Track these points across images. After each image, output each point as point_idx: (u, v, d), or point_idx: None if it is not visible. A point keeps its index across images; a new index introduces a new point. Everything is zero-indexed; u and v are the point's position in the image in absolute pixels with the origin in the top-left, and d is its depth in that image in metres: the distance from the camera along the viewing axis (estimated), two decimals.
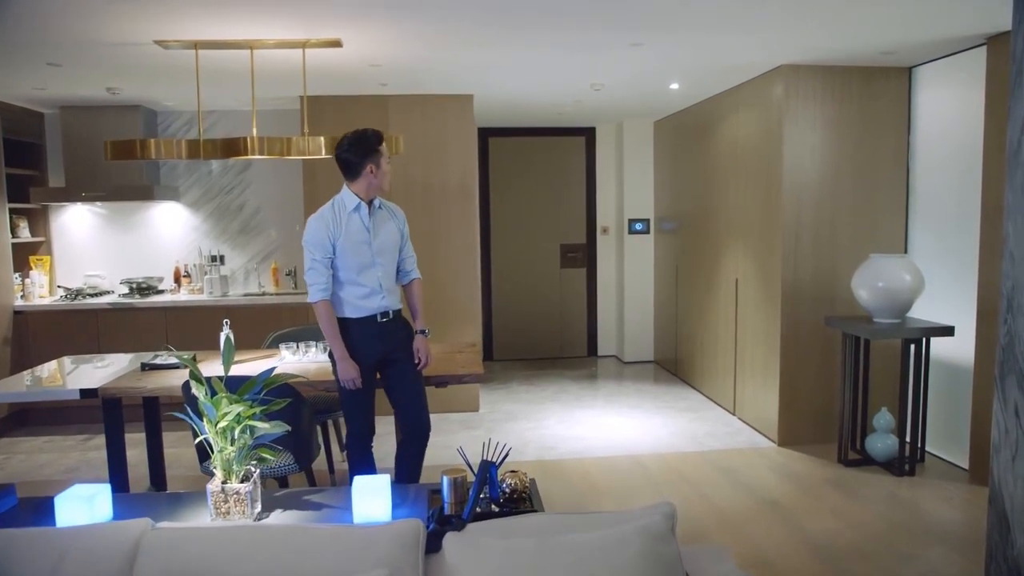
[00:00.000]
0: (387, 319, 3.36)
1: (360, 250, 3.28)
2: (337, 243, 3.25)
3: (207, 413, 2.16)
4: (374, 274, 3.32)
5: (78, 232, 6.12)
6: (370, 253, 3.31)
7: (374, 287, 3.32)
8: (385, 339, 3.36)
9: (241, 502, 2.17)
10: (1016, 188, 2.52)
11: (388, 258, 3.39)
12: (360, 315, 3.31)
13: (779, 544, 3.48)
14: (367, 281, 3.30)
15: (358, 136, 3.25)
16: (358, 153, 3.23)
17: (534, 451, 4.86)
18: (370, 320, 3.32)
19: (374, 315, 3.33)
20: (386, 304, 3.36)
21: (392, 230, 3.42)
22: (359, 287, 3.30)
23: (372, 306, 3.32)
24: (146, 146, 3.82)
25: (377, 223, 3.34)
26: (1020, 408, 2.49)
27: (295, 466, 3.43)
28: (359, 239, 3.28)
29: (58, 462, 4.86)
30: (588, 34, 3.88)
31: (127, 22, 3.51)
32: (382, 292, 3.34)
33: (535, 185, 7.65)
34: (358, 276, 3.29)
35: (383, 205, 3.41)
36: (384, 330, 3.35)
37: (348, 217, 3.27)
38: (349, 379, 3.27)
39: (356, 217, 3.28)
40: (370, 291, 3.31)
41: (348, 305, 3.31)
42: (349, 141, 3.25)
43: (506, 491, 2.20)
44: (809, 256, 4.80)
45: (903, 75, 4.77)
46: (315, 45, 3.91)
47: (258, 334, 4.76)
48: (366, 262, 3.30)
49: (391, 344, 3.38)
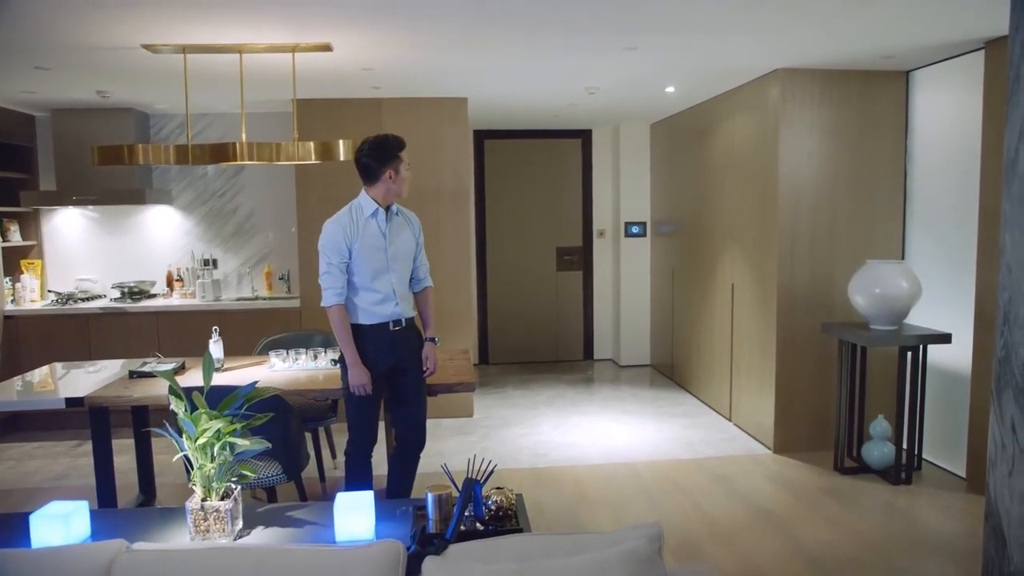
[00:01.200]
0: (399, 327, 3.33)
1: (376, 256, 3.26)
2: (354, 248, 3.22)
3: (186, 429, 2.12)
4: (388, 280, 3.29)
5: (70, 236, 6.07)
6: (385, 259, 3.28)
7: (388, 293, 3.29)
8: (397, 347, 3.33)
9: (221, 520, 2.12)
10: (1013, 198, 2.47)
11: (403, 265, 3.36)
12: (373, 321, 3.28)
13: (773, 556, 3.44)
14: (381, 287, 3.28)
15: (379, 141, 3.24)
16: (378, 158, 3.21)
17: (527, 458, 4.82)
18: (383, 327, 3.29)
19: (387, 322, 3.29)
20: (399, 312, 3.33)
21: (408, 237, 3.39)
22: (373, 293, 3.27)
23: (385, 313, 3.29)
24: (133, 151, 3.77)
25: (394, 229, 3.32)
26: (1017, 423, 2.45)
27: (283, 476, 3.39)
28: (375, 245, 3.25)
29: (48, 468, 4.82)
30: (581, 38, 3.83)
31: (114, 26, 3.46)
32: (395, 299, 3.31)
33: (531, 187, 7.60)
34: (372, 282, 3.26)
35: (400, 211, 3.37)
36: (396, 338, 3.32)
37: (366, 222, 3.24)
38: (360, 384, 3.23)
39: (373, 222, 3.26)
40: (383, 297, 3.28)
41: (361, 311, 3.28)
42: (370, 146, 3.23)
43: (492, 508, 2.16)
44: (805, 261, 4.76)
45: (901, 79, 4.72)
46: (305, 49, 3.86)
47: (250, 339, 4.73)
48: (381, 268, 3.27)
49: (403, 352, 3.35)
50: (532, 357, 7.73)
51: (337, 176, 5.45)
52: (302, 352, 3.97)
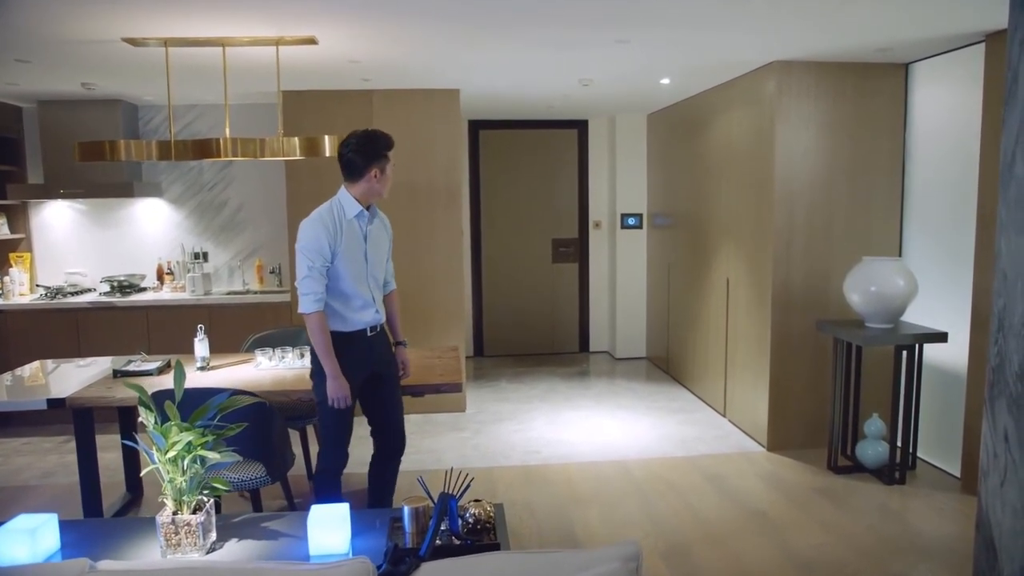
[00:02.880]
0: (375, 333, 3.22)
1: (357, 259, 3.11)
2: (337, 251, 3.04)
3: (155, 442, 2.06)
4: (367, 285, 3.17)
5: (59, 229, 6.01)
6: (365, 263, 3.15)
7: (367, 299, 3.16)
8: (374, 354, 3.22)
9: (193, 533, 2.07)
10: (1009, 203, 2.40)
11: (379, 269, 3.25)
12: (352, 328, 3.14)
13: (763, 560, 3.39)
14: (362, 292, 3.14)
15: (367, 136, 3.06)
16: (365, 155, 3.04)
17: (519, 456, 4.78)
18: (360, 335, 3.16)
19: (364, 329, 3.17)
20: (378, 318, 3.23)
21: (384, 240, 3.28)
22: (354, 299, 3.12)
23: (365, 319, 3.16)
24: (116, 148, 3.70)
25: (372, 232, 3.18)
26: (1010, 432, 2.39)
27: (268, 478, 3.34)
28: (357, 248, 3.11)
29: (35, 465, 4.78)
30: (572, 31, 3.75)
31: (94, 19, 3.38)
32: (375, 305, 3.20)
33: (527, 178, 7.52)
34: (354, 287, 3.10)
35: (377, 213, 3.24)
36: (372, 344, 3.21)
37: (348, 224, 3.08)
38: (341, 397, 3.05)
39: (355, 224, 3.11)
40: (364, 303, 3.15)
41: (340, 318, 3.11)
42: (357, 140, 3.04)
43: (469, 522, 2.11)
44: (801, 258, 4.69)
45: (899, 72, 4.63)
46: (289, 43, 3.78)
47: (241, 334, 4.66)
48: (361, 273, 3.13)
49: (380, 359, 3.26)
50: (527, 350, 7.68)
51: (326, 170, 5.38)
52: (288, 350, 3.92)
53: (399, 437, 3.36)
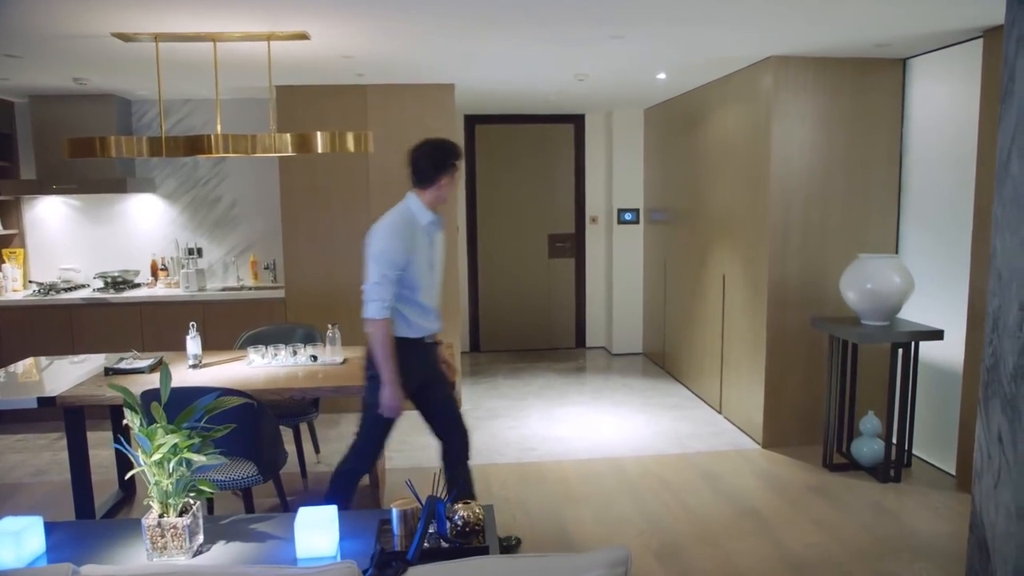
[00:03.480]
0: (431, 341, 3.21)
1: (425, 267, 3.10)
2: (410, 259, 3.02)
3: (141, 445, 2.04)
4: (433, 293, 3.16)
5: (52, 224, 5.98)
6: (432, 271, 3.14)
7: (430, 306, 3.15)
8: (427, 362, 3.22)
9: (179, 536, 2.06)
10: (1005, 201, 2.38)
11: (440, 276, 3.24)
12: (415, 335, 3.12)
13: (757, 559, 3.38)
14: (428, 300, 3.13)
15: (439, 146, 3.06)
16: (436, 163, 3.03)
17: (514, 452, 4.76)
18: (419, 342, 3.15)
19: (423, 337, 3.15)
20: (438, 326, 3.22)
21: (442, 246, 3.26)
22: (420, 306, 3.10)
23: (428, 327, 3.15)
24: (106, 144, 3.66)
25: (437, 240, 3.18)
26: (1004, 433, 2.37)
27: (259, 477, 3.32)
28: (425, 256, 3.09)
29: (29, 462, 4.76)
30: (567, 27, 3.71)
31: (84, 14, 3.34)
32: (436, 312, 3.20)
33: (523, 173, 7.49)
34: (422, 295, 3.09)
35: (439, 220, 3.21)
36: (427, 352, 3.21)
37: (421, 231, 3.06)
38: (395, 406, 3.03)
39: (427, 232, 3.09)
40: (429, 310, 3.15)
41: (406, 325, 3.08)
42: (431, 147, 3.05)
43: (457, 524, 2.09)
44: (796, 254, 4.67)
45: (897, 67, 4.60)
46: (281, 38, 3.75)
47: (235, 331, 4.63)
48: (428, 281, 3.12)
49: (431, 367, 3.25)
50: (524, 345, 7.67)
51: (320, 166, 5.36)
52: (281, 348, 3.90)
53: (464, 433, 3.32)
